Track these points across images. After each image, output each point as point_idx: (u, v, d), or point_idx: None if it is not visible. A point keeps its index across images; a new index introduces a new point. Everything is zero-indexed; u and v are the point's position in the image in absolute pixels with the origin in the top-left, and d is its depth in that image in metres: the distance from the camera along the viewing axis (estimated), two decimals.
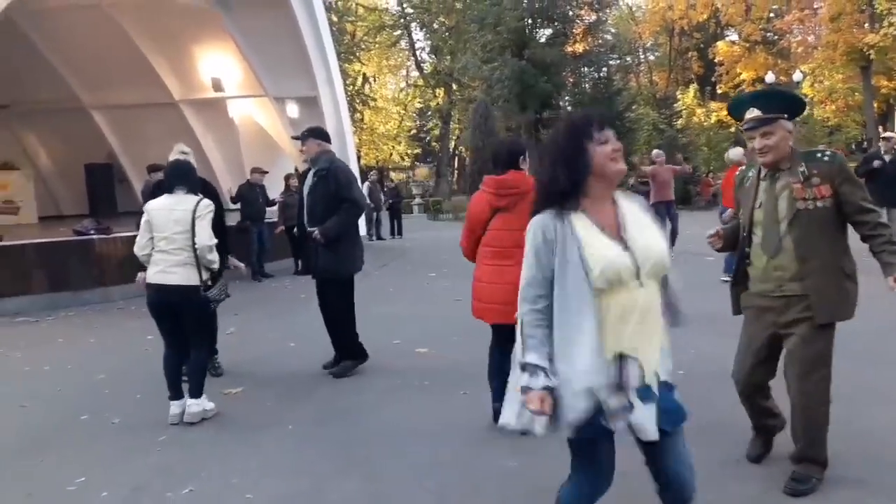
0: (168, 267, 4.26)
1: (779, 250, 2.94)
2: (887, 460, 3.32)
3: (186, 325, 4.39)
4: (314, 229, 5.09)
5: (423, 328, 6.87)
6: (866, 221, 2.93)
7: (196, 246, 4.25)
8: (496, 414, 4.19)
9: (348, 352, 5.37)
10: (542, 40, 29.05)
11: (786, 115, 2.95)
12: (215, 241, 4.34)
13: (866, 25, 27.23)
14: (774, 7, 34.15)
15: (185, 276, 4.27)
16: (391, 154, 43.09)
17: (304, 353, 5.73)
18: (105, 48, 14.95)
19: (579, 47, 30.16)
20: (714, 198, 21.27)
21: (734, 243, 3.22)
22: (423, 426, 4.18)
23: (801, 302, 2.92)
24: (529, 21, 28.47)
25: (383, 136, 41.68)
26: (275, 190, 11.92)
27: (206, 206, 4.36)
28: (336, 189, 5.08)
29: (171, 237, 4.26)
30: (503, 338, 4.09)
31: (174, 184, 4.41)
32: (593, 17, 30.55)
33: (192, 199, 4.37)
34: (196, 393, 4.43)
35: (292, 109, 15.08)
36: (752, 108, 2.97)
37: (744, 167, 3.38)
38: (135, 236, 4.47)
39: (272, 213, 11.60)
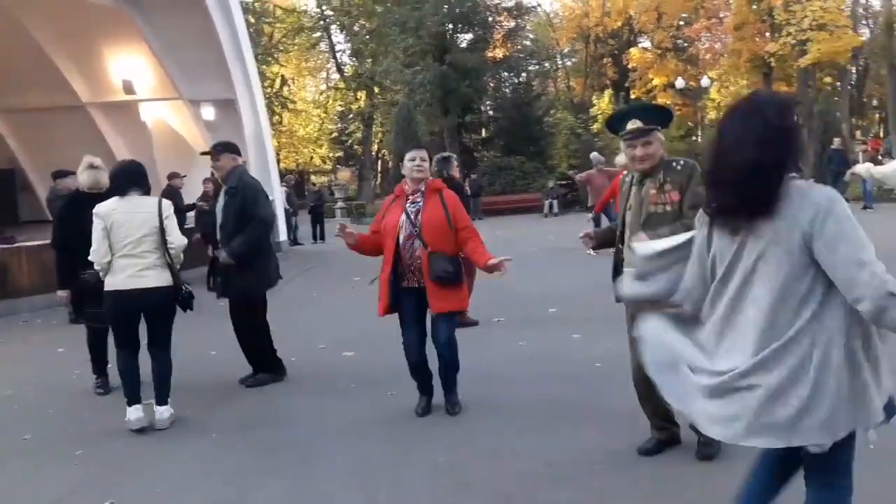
0: (139, 271, 4.16)
1: None
2: None
3: (158, 327, 4.34)
4: (219, 252, 5.01)
5: (349, 332, 6.86)
6: (687, 224, 3.15)
7: (172, 246, 4.25)
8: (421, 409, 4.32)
9: (266, 366, 5.27)
10: (463, 45, 29.41)
11: (659, 127, 3.30)
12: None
13: (767, 34, 28.88)
14: (684, 15, 35.71)
15: (160, 278, 4.22)
16: (311, 157, 42.52)
17: (226, 361, 5.62)
18: (5, 48, 14.16)
19: (499, 53, 30.73)
20: None
21: (611, 242, 3.54)
22: (352, 428, 4.20)
23: None
24: (450, 26, 28.77)
25: (303, 140, 41.09)
26: (191, 195, 11.58)
27: (169, 205, 4.36)
28: (243, 206, 4.99)
29: (140, 240, 4.18)
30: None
31: (127, 186, 4.31)
32: (512, 23, 31.19)
33: (151, 200, 4.33)
34: (166, 397, 4.36)
35: (208, 112, 14.69)
36: (633, 120, 3.26)
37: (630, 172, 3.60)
38: (40, 246, 4.32)
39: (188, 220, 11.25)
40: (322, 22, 39.10)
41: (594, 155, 12.40)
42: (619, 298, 3.23)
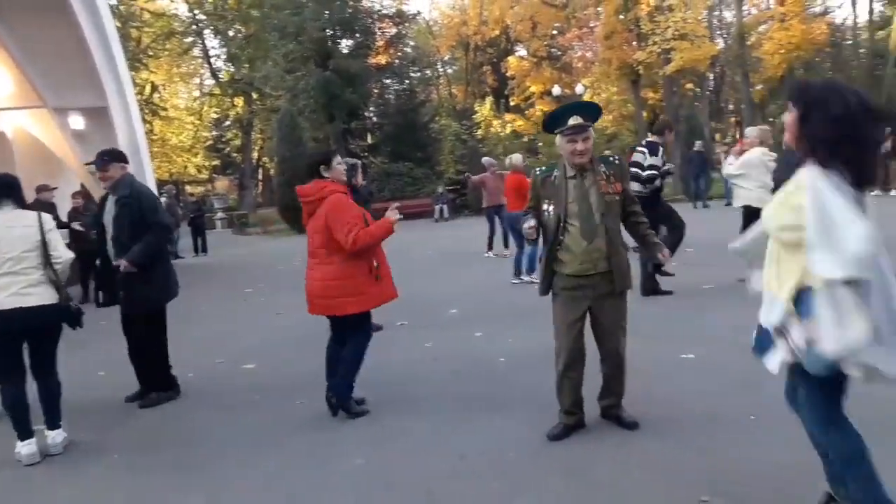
0: (22, 289, 3.83)
1: (595, 235, 3.51)
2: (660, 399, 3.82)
3: (44, 348, 4.02)
4: (120, 261, 4.71)
5: (247, 345, 6.63)
6: (636, 211, 3.74)
7: (59, 261, 3.98)
8: (331, 406, 4.28)
9: (160, 384, 5.01)
10: (345, 51, 29.17)
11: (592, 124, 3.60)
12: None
13: (635, 43, 30.63)
14: (557, 25, 37.25)
15: (44, 296, 3.91)
16: (186, 166, 40.64)
17: (117, 382, 5.27)
18: None
19: (382, 59, 30.73)
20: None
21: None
22: (264, 439, 4.08)
23: (608, 276, 3.56)
24: (331, 32, 28.46)
25: (177, 148, 39.20)
26: (60, 210, 10.72)
27: (50, 218, 4.06)
28: (141, 214, 4.77)
29: (21, 256, 3.85)
30: (335, 328, 4.43)
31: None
32: (394, 30, 31.29)
33: (28, 214, 4.02)
34: (58, 421, 4.06)
35: (77, 121, 13.65)
36: (574, 116, 3.52)
37: (542, 169, 3.75)
38: None
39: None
40: (194, 26, 37.52)
41: (486, 159, 12.71)
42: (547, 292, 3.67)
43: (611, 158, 3.72)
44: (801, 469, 2.84)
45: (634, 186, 7.12)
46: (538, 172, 3.75)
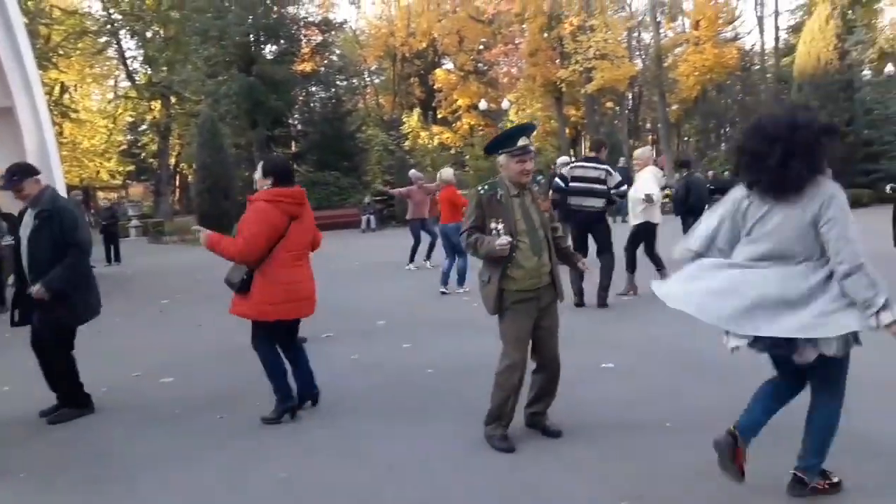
0: None
1: (542, 250, 3.65)
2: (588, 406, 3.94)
3: None
4: (34, 288, 4.41)
5: (165, 358, 6.40)
6: (556, 227, 4.00)
7: None
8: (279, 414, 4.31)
9: (71, 400, 4.76)
10: (270, 57, 28.70)
11: None
12: None
13: (558, 62, 31.52)
14: (483, 40, 37.87)
15: None
16: (98, 172, 38.87)
17: (25, 396, 4.98)
18: None
19: (308, 67, 30.40)
20: None
21: None
22: (183, 455, 3.95)
23: (551, 288, 3.75)
24: (255, 37, 27.94)
25: (88, 152, 37.45)
26: None
27: None
28: (61, 232, 4.49)
29: None
30: (294, 332, 4.54)
31: None
32: (320, 37, 31.03)
33: None
34: None
35: None
36: (524, 138, 3.66)
37: (485, 188, 3.75)
38: None
39: None
40: (109, 26, 36.00)
41: (413, 172, 12.82)
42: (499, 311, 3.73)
43: (535, 178, 3.98)
44: (712, 472, 2.98)
45: (597, 203, 7.42)
46: (482, 191, 3.73)
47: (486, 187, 3.74)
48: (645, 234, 8.01)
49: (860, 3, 31.16)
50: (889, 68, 25.87)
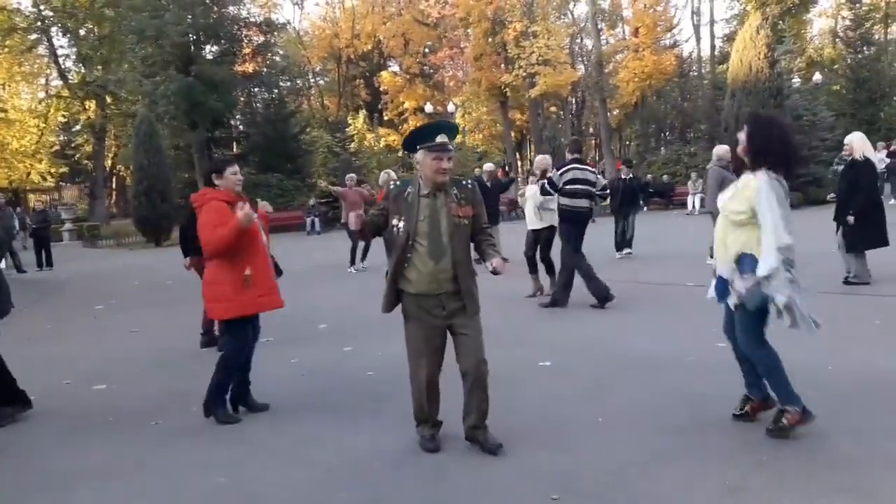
0: None
1: (442, 256, 3.53)
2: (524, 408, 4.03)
3: None
4: None
5: (98, 364, 6.22)
6: (487, 233, 3.78)
7: None
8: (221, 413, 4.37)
9: (4, 398, 4.62)
10: (210, 57, 28.11)
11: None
12: None
13: (503, 66, 31.84)
14: (429, 43, 37.98)
15: None
16: (29, 173, 37.33)
17: None
18: None
19: (249, 67, 29.91)
20: None
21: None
22: (116, 463, 3.86)
23: (456, 297, 3.57)
24: (194, 37, 27.32)
25: (18, 153, 35.89)
26: None
27: None
28: None
29: None
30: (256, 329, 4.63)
31: None
32: (262, 38, 30.57)
33: None
34: None
35: None
36: (442, 135, 3.55)
37: (397, 184, 3.85)
38: None
39: None
40: (40, 23, 34.62)
41: (349, 175, 12.86)
42: (391, 309, 3.76)
43: (464, 182, 3.72)
44: (643, 466, 3.09)
45: (588, 204, 7.54)
46: (392, 186, 3.82)
47: (397, 184, 3.81)
48: (547, 238, 8.15)
49: (790, 14, 32.53)
50: (817, 76, 27.12)
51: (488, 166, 12.35)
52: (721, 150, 9.13)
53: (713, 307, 3.85)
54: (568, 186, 7.38)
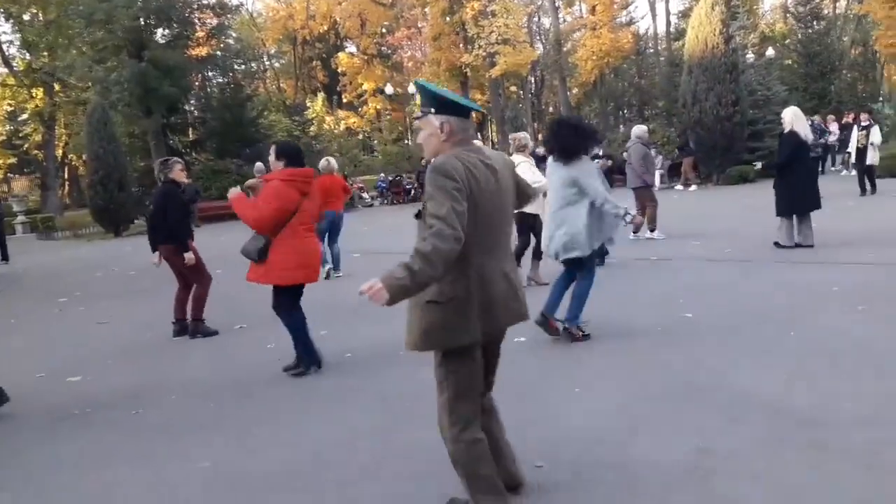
0: None
1: None
2: None
3: None
4: None
5: (68, 356, 6.15)
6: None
7: None
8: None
9: None
10: (162, 42, 27.43)
11: (433, 110, 2.53)
12: None
13: (462, 46, 31.74)
14: (386, 23, 37.62)
15: None
16: None
17: None
18: None
19: (203, 51, 29.28)
20: (352, 201, 22.64)
21: None
22: (97, 454, 3.86)
23: None
24: (146, 21, 26.61)
25: None
26: None
27: None
28: None
29: None
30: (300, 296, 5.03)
31: None
32: (215, 21, 29.92)
33: None
34: None
35: None
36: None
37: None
38: None
39: None
40: None
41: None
42: None
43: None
44: (610, 432, 3.21)
45: None
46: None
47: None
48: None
49: None
50: (770, 52, 27.68)
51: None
52: (639, 129, 10.34)
53: (674, 280, 3.99)
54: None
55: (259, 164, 12.72)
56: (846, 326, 4.93)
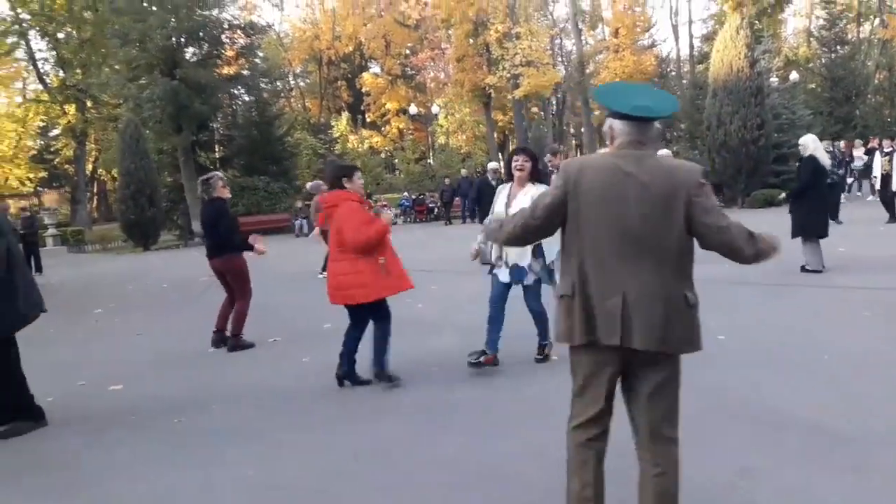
0: None
1: None
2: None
3: None
4: None
5: (109, 366, 6.32)
6: None
7: None
8: (339, 379, 4.98)
9: (23, 412, 4.66)
10: (193, 60, 28.01)
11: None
12: None
13: (486, 68, 32.06)
14: (410, 44, 38.12)
15: None
16: (7, 179, 36.93)
17: None
18: None
19: (232, 70, 29.84)
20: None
21: None
22: (146, 460, 3.99)
23: None
24: (177, 40, 27.21)
25: None
26: None
27: None
28: None
29: None
30: (351, 317, 5.14)
31: None
32: (244, 41, 30.51)
33: None
34: None
35: None
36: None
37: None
38: None
39: None
40: (17, 26, 34.21)
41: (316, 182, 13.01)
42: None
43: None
44: None
45: None
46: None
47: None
48: None
49: (766, 14, 33.12)
50: (794, 75, 27.65)
51: (492, 165, 12.52)
52: (663, 153, 9.92)
53: (702, 302, 4.03)
54: None
55: (318, 182, 12.99)
56: (879, 348, 4.96)
